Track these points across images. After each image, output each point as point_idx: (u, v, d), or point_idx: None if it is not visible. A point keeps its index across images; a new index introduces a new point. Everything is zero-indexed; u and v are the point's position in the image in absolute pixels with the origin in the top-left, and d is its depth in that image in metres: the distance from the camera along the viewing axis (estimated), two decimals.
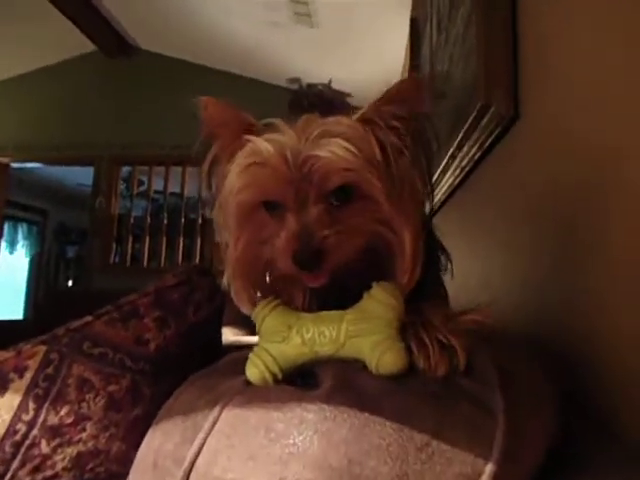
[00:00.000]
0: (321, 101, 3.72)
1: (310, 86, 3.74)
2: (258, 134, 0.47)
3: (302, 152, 0.44)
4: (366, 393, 0.39)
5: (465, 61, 1.04)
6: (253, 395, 0.41)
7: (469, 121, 0.94)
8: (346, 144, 0.43)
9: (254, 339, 0.49)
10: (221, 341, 0.67)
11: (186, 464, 0.38)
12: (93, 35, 3.74)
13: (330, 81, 3.68)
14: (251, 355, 0.45)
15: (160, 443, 0.43)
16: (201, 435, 0.39)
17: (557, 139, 0.65)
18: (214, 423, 0.40)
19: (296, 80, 3.78)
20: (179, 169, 4.00)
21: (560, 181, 0.64)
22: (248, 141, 0.46)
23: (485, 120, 0.88)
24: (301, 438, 0.36)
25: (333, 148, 0.43)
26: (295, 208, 0.45)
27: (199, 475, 0.37)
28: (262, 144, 0.45)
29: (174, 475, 0.39)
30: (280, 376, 0.44)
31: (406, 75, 2.43)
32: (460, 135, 1.03)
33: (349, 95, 3.73)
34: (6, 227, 5.47)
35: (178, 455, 0.40)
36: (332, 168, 0.43)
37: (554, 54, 0.66)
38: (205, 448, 0.38)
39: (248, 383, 0.44)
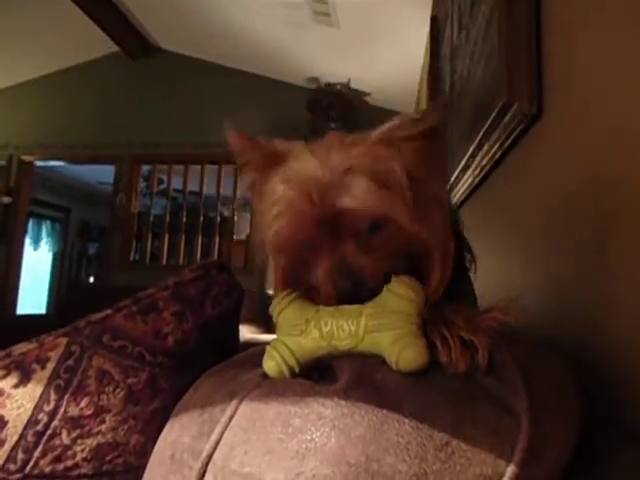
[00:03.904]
0: (340, 101, 3.73)
1: (329, 85, 3.74)
2: (282, 161, 0.48)
3: (327, 191, 0.44)
4: (385, 389, 0.38)
5: (487, 58, 1.03)
6: (270, 389, 0.41)
7: (490, 119, 0.92)
8: (372, 184, 0.44)
9: (271, 337, 0.49)
10: (239, 336, 0.67)
11: (203, 457, 0.39)
12: (116, 36, 3.81)
13: (349, 80, 3.68)
14: (268, 348, 0.45)
15: (178, 436, 0.43)
16: (218, 429, 0.39)
17: (581, 137, 0.64)
18: (231, 417, 0.40)
19: (315, 79, 3.79)
20: (198, 168, 4.04)
21: (583, 180, 0.63)
22: (271, 180, 0.47)
23: (507, 118, 0.86)
24: (318, 434, 0.36)
25: (359, 193, 0.44)
26: (328, 245, 0.46)
27: (216, 468, 0.38)
28: (285, 190, 0.46)
29: (191, 468, 0.39)
30: (297, 369, 0.43)
31: (425, 74, 2.40)
32: (481, 134, 1.02)
33: (368, 94, 3.72)
34: (30, 224, 5.61)
35: (195, 448, 0.40)
36: (360, 214, 0.44)
37: (580, 49, 0.65)
38: (222, 442, 0.39)
39: (265, 376, 0.44)
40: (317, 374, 0.43)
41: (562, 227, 0.70)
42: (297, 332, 0.44)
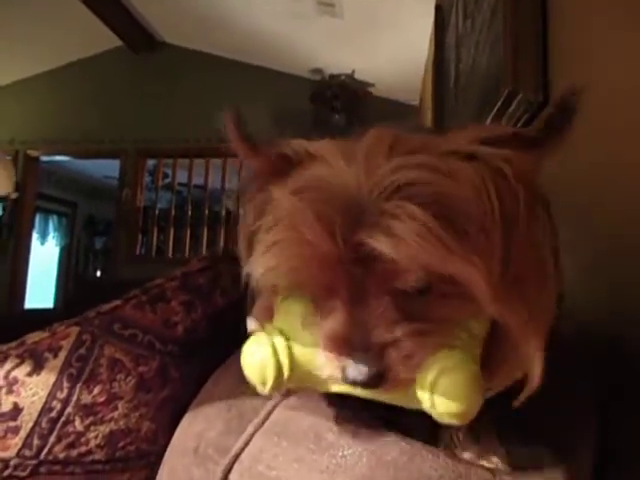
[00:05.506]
0: (344, 92, 3.71)
1: (333, 77, 3.72)
2: (298, 165, 0.33)
3: (359, 221, 0.28)
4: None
5: (492, 46, 1.02)
6: (307, 399, 0.40)
7: (496, 108, 0.92)
8: (434, 222, 0.27)
9: None
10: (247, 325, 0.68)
11: (231, 455, 0.39)
12: (119, 30, 3.80)
13: (353, 72, 3.65)
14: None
15: (202, 429, 0.44)
16: (250, 429, 0.39)
17: (589, 125, 0.63)
18: (264, 420, 0.40)
19: (319, 71, 3.77)
20: (203, 161, 4.05)
21: (592, 170, 0.62)
22: (278, 189, 0.32)
23: (512, 107, 0.86)
24: (350, 452, 0.35)
25: (410, 234, 0.27)
26: (348, 296, 0.31)
27: (243, 468, 0.38)
28: (294, 205, 0.30)
29: (218, 463, 0.39)
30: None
31: (430, 64, 2.38)
32: (487, 123, 1.01)
33: (372, 85, 3.69)
34: (37, 219, 5.63)
35: (222, 445, 0.40)
36: (402, 268, 0.29)
37: (587, 37, 0.64)
38: (252, 443, 0.39)
39: None
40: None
41: (571, 219, 0.70)
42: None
